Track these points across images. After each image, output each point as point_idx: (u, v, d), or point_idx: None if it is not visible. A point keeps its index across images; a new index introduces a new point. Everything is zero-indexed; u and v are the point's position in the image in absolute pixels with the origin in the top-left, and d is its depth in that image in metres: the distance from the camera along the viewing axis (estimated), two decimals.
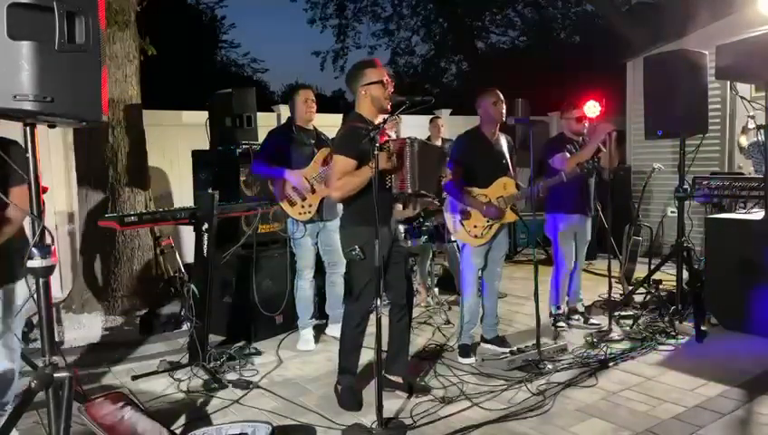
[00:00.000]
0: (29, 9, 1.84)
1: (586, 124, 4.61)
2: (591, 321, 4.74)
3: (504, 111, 3.99)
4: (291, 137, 4.33)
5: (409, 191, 3.20)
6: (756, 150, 5.89)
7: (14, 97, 1.84)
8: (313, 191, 4.23)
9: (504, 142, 4.11)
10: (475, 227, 3.98)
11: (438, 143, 7.08)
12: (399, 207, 4.82)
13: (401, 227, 5.12)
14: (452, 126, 9.02)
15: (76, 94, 1.96)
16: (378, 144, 2.93)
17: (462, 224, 4.01)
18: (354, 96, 3.34)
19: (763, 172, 5.73)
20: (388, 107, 3.22)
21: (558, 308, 4.69)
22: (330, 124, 5.40)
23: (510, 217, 4.03)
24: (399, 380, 3.46)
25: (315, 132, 4.44)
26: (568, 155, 4.39)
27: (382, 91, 3.24)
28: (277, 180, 4.26)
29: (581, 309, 4.85)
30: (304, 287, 4.40)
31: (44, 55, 1.87)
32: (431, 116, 7.61)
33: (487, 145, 4.03)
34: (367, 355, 4.02)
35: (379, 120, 3.23)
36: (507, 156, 4.09)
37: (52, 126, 2.20)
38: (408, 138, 3.23)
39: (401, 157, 3.18)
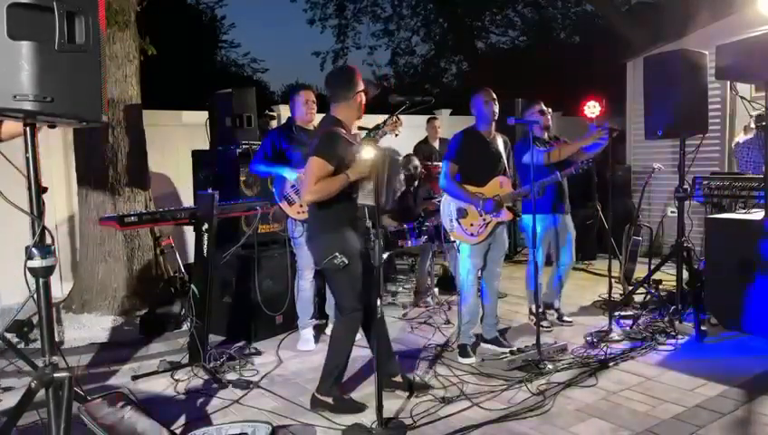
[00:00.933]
0: (29, 9, 1.84)
1: (549, 116, 4.63)
2: (565, 318, 4.78)
3: (495, 109, 4.00)
4: (290, 137, 4.33)
5: (373, 203, 3.13)
6: (738, 150, 5.91)
7: (14, 97, 1.84)
8: None
9: (500, 142, 4.12)
10: (472, 225, 3.99)
11: (436, 144, 7.10)
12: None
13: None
14: (452, 126, 9.00)
15: (76, 94, 1.96)
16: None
17: (458, 223, 4.01)
18: (339, 101, 3.25)
19: (744, 170, 5.77)
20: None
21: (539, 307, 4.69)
22: None
23: (506, 215, 4.03)
24: (399, 378, 3.46)
25: (315, 132, 4.43)
26: (542, 149, 4.37)
27: (364, 97, 3.29)
28: (277, 179, 4.26)
29: (557, 305, 4.85)
30: (305, 288, 4.39)
31: (44, 55, 1.87)
32: (429, 116, 7.59)
33: (483, 144, 4.05)
34: (360, 356, 4.04)
35: (356, 126, 3.30)
36: (504, 156, 4.11)
37: (52, 126, 2.20)
38: (386, 148, 3.22)
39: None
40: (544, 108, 4.61)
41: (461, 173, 4.02)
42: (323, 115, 3.39)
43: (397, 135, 3.66)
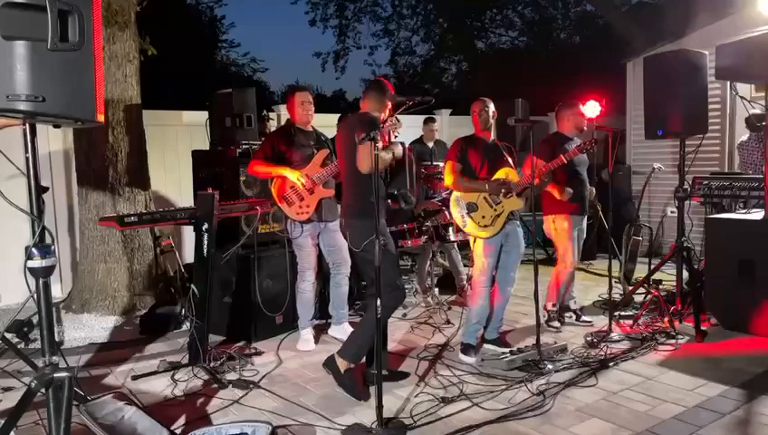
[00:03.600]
0: (22, 9, 1.83)
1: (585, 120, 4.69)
2: (583, 318, 4.78)
3: (487, 119, 4.07)
4: (289, 138, 4.31)
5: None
6: (740, 150, 5.91)
7: (7, 97, 1.84)
8: (312, 192, 4.21)
9: (501, 146, 4.19)
10: (483, 217, 4.00)
11: (430, 144, 7.11)
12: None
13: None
14: (452, 126, 9.01)
15: (70, 94, 1.95)
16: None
17: (470, 216, 4.02)
18: (374, 103, 3.56)
19: (744, 169, 5.77)
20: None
21: (554, 306, 4.72)
22: (330, 124, 5.41)
23: (516, 203, 4.03)
24: (386, 371, 3.55)
25: (315, 133, 4.42)
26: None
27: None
28: (275, 179, 4.23)
29: (574, 307, 4.87)
30: (306, 290, 4.37)
31: (37, 55, 1.86)
32: (426, 116, 7.55)
33: (484, 144, 4.12)
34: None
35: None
36: (506, 156, 4.14)
37: (57, 126, 2.20)
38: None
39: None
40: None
41: (466, 173, 4.04)
42: (355, 112, 3.73)
43: (396, 136, 3.70)
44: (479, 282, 4.06)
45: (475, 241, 4.07)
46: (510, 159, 4.15)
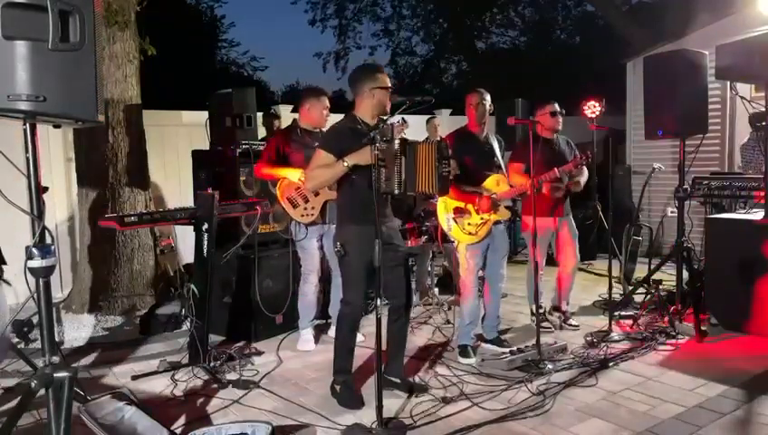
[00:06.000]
0: (23, 9, 1.84)
1: (560, 119, 4.60)
2: (570, 322, 4.73)
3: (484, 112, 4.02)
4: (294, 139, 4.29)
5: (396, 192, 3.16)
6: (742, 151, 5.91)
7: (8, 97, 1.84)
8: (316, 194, 4.19)
9: (494, 142, 4.13)
10: (469, 224, 3.99)
11: None
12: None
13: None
14: (452, 126, 8.98)
15: (70, 94, 1.96)
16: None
17: (455, 221, 4.02)
18: (356, 95, 3.32)
19: (745, 170, 5.77)
20: (388, 111, 3.29)
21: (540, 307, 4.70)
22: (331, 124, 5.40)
23: (503, 214, 4.02)
24: (397, 380, 3.47)
25: (321, 134, 4.40)
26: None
27: (387, 97, 3.29)
28: (281, 181, 4.22)
29: (564, 308, 4.83)
30: (309, 292, 4.35)
31: (38, 55, 1.86)
32: (428, 116, 7.57)
33: (476, 142, 4.07)
34: (365, 354, 4.03)
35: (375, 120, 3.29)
36: (498, 154, 4.11)
37: (57, 126, 2.20)
38: (406, 140, 3.23)
39: (393, 157, 3.16)
40: (557, 109, 4.57)
41: (460, 174, 4.02)
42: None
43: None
44: (467, 282, 4.06)
45: (459, 243, 4.08)
46: (500, 158, 4.12)
